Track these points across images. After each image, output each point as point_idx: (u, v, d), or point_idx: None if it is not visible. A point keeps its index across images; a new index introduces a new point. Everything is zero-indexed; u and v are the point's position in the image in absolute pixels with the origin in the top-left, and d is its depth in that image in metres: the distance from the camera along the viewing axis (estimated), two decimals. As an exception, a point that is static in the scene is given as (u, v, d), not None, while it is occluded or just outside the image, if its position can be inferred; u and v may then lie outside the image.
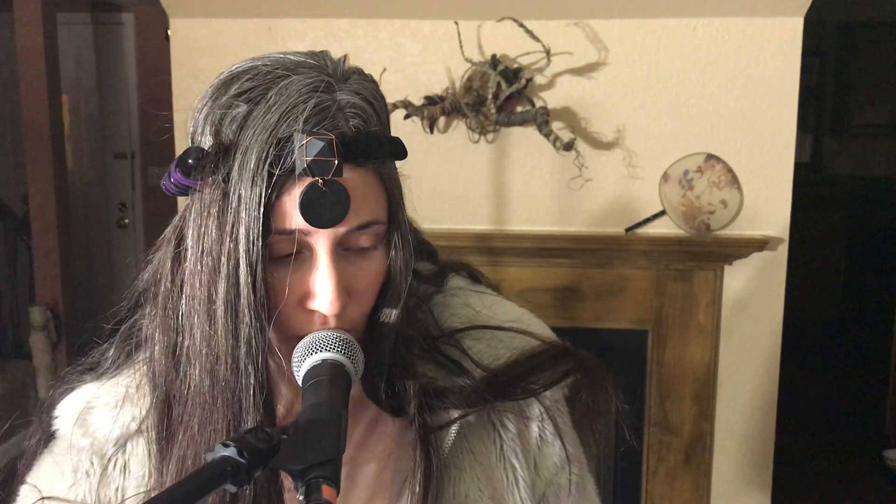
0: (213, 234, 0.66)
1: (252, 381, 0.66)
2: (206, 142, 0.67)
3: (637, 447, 2.60)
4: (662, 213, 2.51)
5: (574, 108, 2.51)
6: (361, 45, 2.56)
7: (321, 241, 0.66)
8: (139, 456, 0.77)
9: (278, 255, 0.66)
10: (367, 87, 0.70)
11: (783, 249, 2.50)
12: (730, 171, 2.48)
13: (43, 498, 0.77)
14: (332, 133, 0.64)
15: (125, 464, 0.77)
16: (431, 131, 2.47)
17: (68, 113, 5.01)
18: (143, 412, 0.76)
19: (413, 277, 0.75)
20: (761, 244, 2.44)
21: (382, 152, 0.68)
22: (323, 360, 0.62)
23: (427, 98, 2.47)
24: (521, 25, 2.35)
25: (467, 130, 2.49)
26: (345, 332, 0.66)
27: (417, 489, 0.75)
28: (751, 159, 2.48)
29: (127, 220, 5.30)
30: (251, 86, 0.66)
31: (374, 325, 0.74)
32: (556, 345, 0.84)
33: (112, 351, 0.81)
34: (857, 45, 5.86)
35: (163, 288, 0.72)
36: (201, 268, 0.67)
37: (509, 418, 0.81)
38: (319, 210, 0.64)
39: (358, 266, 0.69)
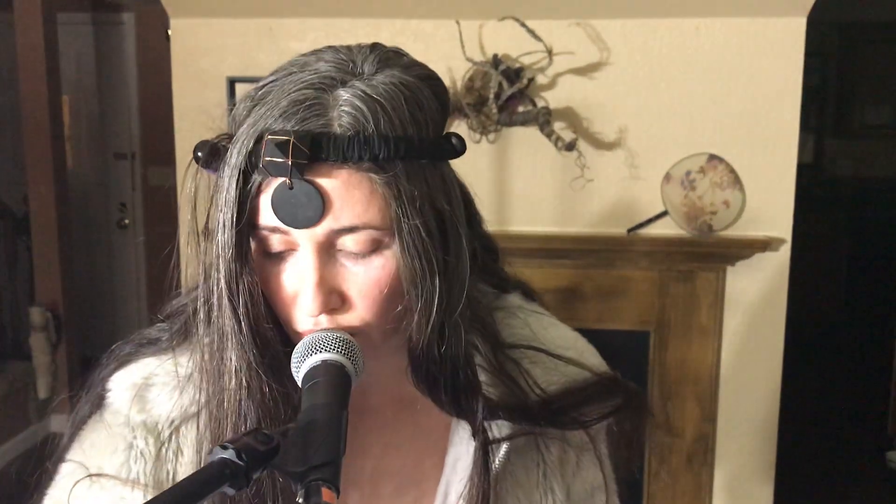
0: (211, 223, 0.67)
1: (267, 388, 0.67)
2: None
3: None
4: (664, 213, 2.50)
5: (576, 108, 2.50)
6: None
7: (303, 242, 0.65)
8: (192, 440, 0.74)
9: (271, 252, 0.66)
10: (395, 84, 0.65)
11: (786, 250, 2.49)
12: (732, 171, 2.46)
13: (91, 475, 0.74)
14: (319, 131, 0.62)
15: (178, 447, 0.75)
16: (433, 131, 2.46)
17: (69, 113, 5.00)
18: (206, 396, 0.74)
19: (479, 283, 0.75)
20: (764, 245, 2.43)
21: (374, 156, 0.63)
22: (322, 361, 0.61)
23: (428, 98, 2.46)
24: (523, 25, 2.34)
25: (468, 130, 2.48)
26: (345, 332, 0.65)
27: (470, 501, 0.75)
28: (753, 160, 2.47)
29: (127, 221, 5.29)
30: (267, 82, 0.67)
31: (407, 334, 0.71)
32: (608, 377, 0.85)
33: (171, 327, 0.79)
34: (859, 45, 5.85)
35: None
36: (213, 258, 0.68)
37: (553, 443, 0.82)
38: (291, 210, 0.63)
39: (352, 271, 0.66)
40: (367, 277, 0.66)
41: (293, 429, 0.54)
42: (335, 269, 0.66)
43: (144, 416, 0.75)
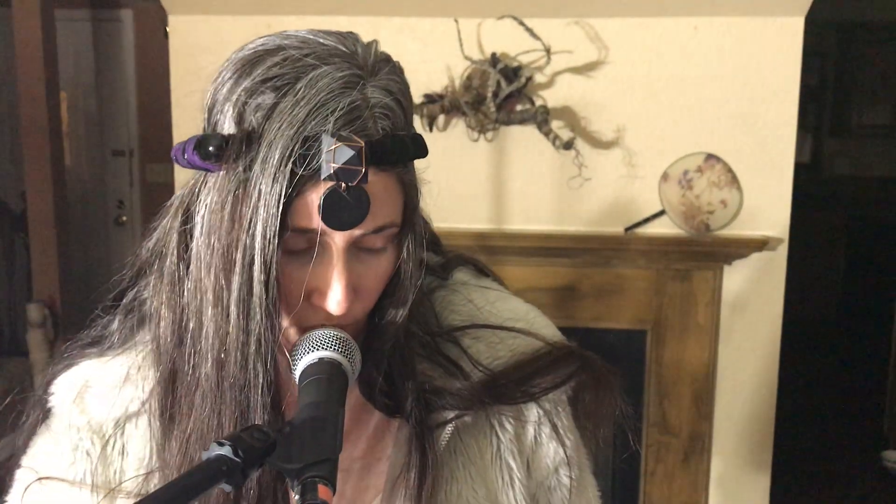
0: (227, 223, 0.64)
1: (261, 380, 0.65)
2: (227, 124, 0.65)
3: (635, 448, 2.59)
4: (662, 212, 2.51)
5: (574, 107, 2.50)
6: (361, 42, 2.55)
7: (336, 242, 0.65)
8: (139, 437, 0.75)
9: (291, 250, 0.65)
10: (396, 81, 0.68)
11: (783, 249, 2.50)
12: (730, 171, 2.47)
13: (40, 478, 0.74)
14: (361, 136, 0.62)
15: (123, 446, 0.75)
16: (430, 129, 2.46)
17: (66, 110, 5.00)
18: (146, 393, 0.74)
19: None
20: (761, 244, 2.44)
21: (407, 156, 0.67)
22: (320, 359, 0.61)
23: (426, 96, 2.46)
24: (521, 24, 2.34)
25: (467, 129, 2.49)
26: (342, 330, 0.65)
27: (412, 488, 0.74)
28: (751, 159, 2.47)
29: (125, 218, 5.29)
30: (279, 73, 0.64)
31: (377, 323, 0.73)
32: (560, 346, 0.82)
33: (115, 324, 0.79)
34: (857, 45, 5.86)
35: (168, 263, 0.70)
36: (211, 255, 0.65)
37: (507, 420, 0.80)
38: (339, 213, 0.63)
39: (367, 265, 0.68)
40: (377, 270, 0.69)
41: (290, 426, 0.54)
42: (354, 264, 0.67)
43: (86, 417, 0.76)
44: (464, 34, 2.42)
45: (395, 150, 0.65)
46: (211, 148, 0.63)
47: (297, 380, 0.62)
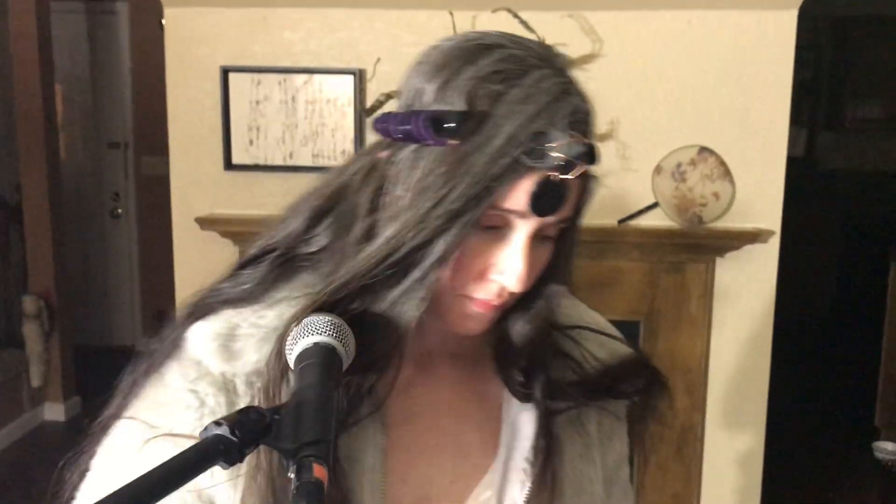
0: (434, 191, 0.69)
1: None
2: (457, 107, 0.69)
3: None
4: (655, 205, 2.52)
5: (568, 99, 2.51)
6: (356, 35, 2.56)
7: (528, 226, 0.71)
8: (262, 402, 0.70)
9: (482, 225, 0.70)
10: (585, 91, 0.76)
11: (775, 242, 2.52)
12: (722, 163, 2.49)
13: (171, 435, 0.70)
14: (580, 126, 0.70)
15: (251, 401, 0.71)
16: (426, 122, 2.48)
17: (62, 102, 5.00)
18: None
19: None
20: (753, 237, 2.46)
21: (599, 159, 0.74)
22: (315, 344, 0.62)
23: (421, 89, 2.47)
24: (516, 16, 2.35)
25: (461, 121, 2.50)
26: (337, 316, 0.66)
27: (531, 471, 0.80)
28: (744, 152, 2.49)
29: (120, 210, 5.30)
30: (507, 67, 0.69)
31: (529, 306, 0.79)
32: (643, 356, 0.91)
33: (258, 278, 0.78)
34: (851, 39, 5.88)
35: (355, 222, 0.74)
36: (410, 213, 0.70)
37: (592, 415, 0.87)
38: (545, 201, 0.69)
39: (536, 250, 0.74)
40: (541, 257, 0.75)
41: (286, 407, 0.55)
42: (531, 249, 0.72)
43: (227, 367, 0.73)
44: (459, 27, 2.43)
45: (597, 152, 0.74)
46: (450, 124, 0.68)
47: (291, 364, 0.63)
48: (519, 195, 0.69)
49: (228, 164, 2.65)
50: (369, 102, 2.57)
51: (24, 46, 4.00)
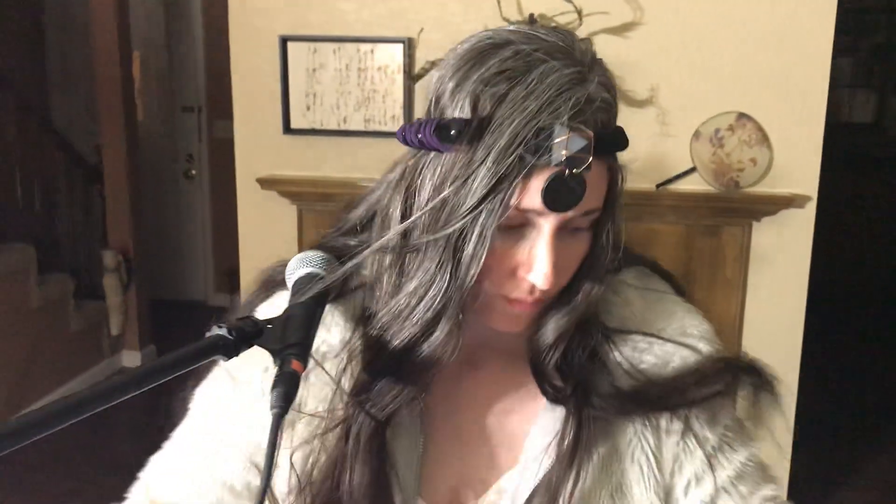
0: (452, 199, 0.70)
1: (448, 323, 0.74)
2: (463, 110, 0.71)
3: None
4: (693, 169, 2.59)
5: (609, 66, 2.57)
6: (405, 5, 2.67)
7: (548, 223, 0.71)
8: (323, 376, 0.81)
9: (504, 226, 0.71)
10: (609, 78, 0.74)
11: (811, 207, 2.56)
12: (760, 129, 2.53)
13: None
14: (587, 127, 0.68)
15: (308, 379, 0.82)
16: (470, 88, 2.59)
17: (139, 68, 5.24)
18: (338, 340, 0.81)
19: None
20: (788, 201, 2.50)
21: (618, 147, 0.74)
22: (307, 273, 0.76)
23: (466, 56, 2.58)
24: (558, -14, 2.43)
25: (505, 88, 2.60)
26: (328, 253, 0.80)
27: (564, 478, 0.80)
28: (782, 117, 2.53)
29: (194, 171, 5.55)
30: (513, 65, 0.69)
31: (568, 301, 0.79)
32: (710, 361, 0.86)
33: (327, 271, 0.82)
34: (926, 1, 5.69)
35: (387, 232, 0.77)
36: (434, 224, 0.72)
37: (647, 424, 0.84)
38: (559, 197, 0.69)
39: (567, 244, 0.74)
40: (576, 250, 0.76)
41: (277, 319, 0.70)
42: (559, 243, 0.73)
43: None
44: (503, -4, 2.52)
45: (613, 141, 0.72)
46: (453, 132, 0.70)
47: (290, 287, 0.77)
48: (532, 194, 0.69)
49: (287, 128, 2.81)
50: (417, 69, 2.70)
51: (102, 14, 4.20)
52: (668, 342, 0.85)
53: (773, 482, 0.90)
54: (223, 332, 0.66)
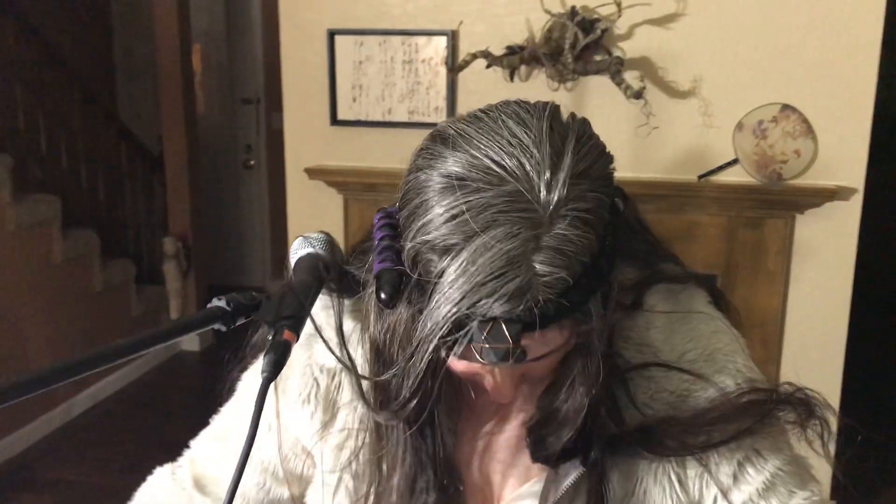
0: (400, 340, 0.74)
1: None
2: (406, 261, 0.69)
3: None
4: (735, 161, 2.57)
5: (652, 57, 2.59)
6: (450, -3, 2.72)
7: (499, 372, 0.73)
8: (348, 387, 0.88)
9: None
10: (580, 220, 0.65)
11: (857, 199, 2.52)
12: (805, 121, 2.50)
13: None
14: (522, 311, 0.63)
15: (341, 382, 0.88)
16: (512, 79, 2.62)
17: (199, 61, 5.39)
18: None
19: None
20: (832, 194, 2.47)
21: (574, 309, 0.65)
22: (308, 254, 0.81)
23: (508, 48, 2.61)
24: (599, -22, 2.44)
25: (547, 79, 2.62)
26: (329, 234, 0.85)
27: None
28: (828, 109, 2.49)
29: (252, 162, 5.68)
30: (453, 229, 0.64)
31: (554, 407, 0.77)
32: (734, 398, 0.79)
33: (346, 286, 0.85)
34: None
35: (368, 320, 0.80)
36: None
37: (668, 466, 0.82)
38: (498, 357, 0.65)
39: (531, 366, 0.71)
40: (542, 367, 0.73)
41: (275, 293, 0.75)
42: (518, 369, 0.72)
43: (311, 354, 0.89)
44: (546, -12, 2.54)
45: (558, 313, 0.64)
46: (383, 295, 0.69)
47: (292, 265, 0.82)
48: (470, 352, 0.66)
49: (334, 120, 2.89)
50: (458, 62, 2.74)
51: (163, 7, 4.34)
52: (690, 376, 0.81)
53: (811, 485, 0.84)
54: (222, 303, 0.71)
